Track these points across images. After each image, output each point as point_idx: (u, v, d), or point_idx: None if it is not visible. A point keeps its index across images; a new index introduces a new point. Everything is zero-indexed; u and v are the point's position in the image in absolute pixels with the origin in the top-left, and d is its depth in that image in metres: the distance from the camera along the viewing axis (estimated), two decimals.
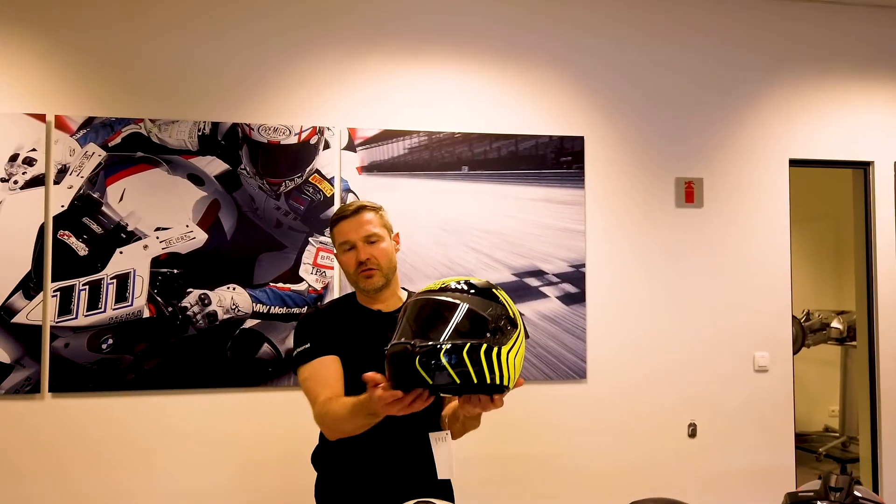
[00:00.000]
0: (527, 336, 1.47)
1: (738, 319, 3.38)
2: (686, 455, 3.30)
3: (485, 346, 1.33)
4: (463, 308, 1.36)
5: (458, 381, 1.32)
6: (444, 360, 1.31)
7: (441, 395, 1.45)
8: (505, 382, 1.37)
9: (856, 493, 1.51)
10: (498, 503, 3.07)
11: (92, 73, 2.90)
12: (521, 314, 1.47)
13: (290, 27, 3.06)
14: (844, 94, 3.57)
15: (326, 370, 1.71)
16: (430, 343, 1.32)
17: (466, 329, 1.34)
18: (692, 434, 3.31)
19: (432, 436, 1.70)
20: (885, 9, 3.62)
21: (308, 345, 1.74)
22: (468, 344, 1.32)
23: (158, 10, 2.97)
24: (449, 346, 1.31)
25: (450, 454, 1.70)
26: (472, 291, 1.40)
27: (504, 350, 1.36)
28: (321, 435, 1.79)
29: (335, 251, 1.86)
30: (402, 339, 1.37)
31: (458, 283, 1.43)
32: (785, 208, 3.46)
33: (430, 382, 1.32)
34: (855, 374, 3.95)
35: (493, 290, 1.43)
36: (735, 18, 3.48)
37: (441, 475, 1.66)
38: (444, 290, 1.41)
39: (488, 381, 1.34)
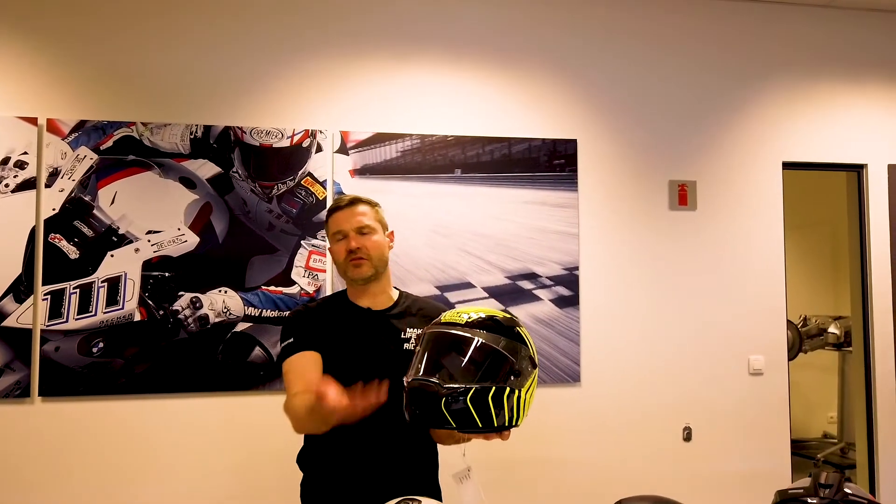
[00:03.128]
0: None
1: (733, 322, 3.37)
2: (681, 459, 3.28)
3: (508, 390, 1.34)
4: (490, 349, 1.36)
5: (480, 425, 1.34)
6: (469, 405, 1.32)
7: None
8: (520, 423, 1.40)
9: (846, 489, 1.50)
10: None
11: (84, 76, 2.91)
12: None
13: (282, 31, 3.07)
14: (837, 96, 3.58)
15: (305, 365, 1.71)
16: (457, 386, 1.32)
17: (492, 370, 1.35)
18: (687, 438, 3.29)
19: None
20: (876, 12, 3.64)
21: (292, 339, 1.74)
22: (493, 388, 1.33)
23: (151, 15, 2.97)
24: (475, 390, 1.31)
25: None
26: (499, 330, 1.39)
27: (524, 392, 1.37)
28: (306, 435, 1.78)
29: (328, 244, 1.87)
30: (423, 375, 1.35)
31: (482, 316, 1.40)
32: (778, 211, 3.46)
33: (455, 425, 1.33)
34: (852, 379, 3.93)
35: (519, 329, 1.42)
36: (728, 22, 3.49)
37: None
38: (472, 325, 1.39)
39: (507, 423, 1.37)
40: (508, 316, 1.45)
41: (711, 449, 3.31)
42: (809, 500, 1.49)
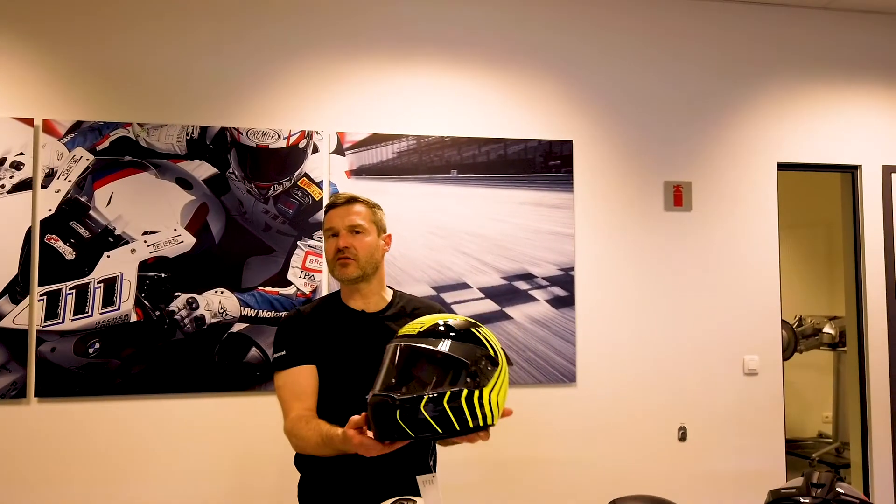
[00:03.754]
0: (510, 363, 1.48)
1: (728, 323, 3.39)
2: (676, 459, 3.29)
3: (465, 392, 1.34)
4: (442, 355, 1.37)
5: (439, 431, 1.34)
6: (424, 413, 1.32)
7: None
8: (488, 422, 1.39)
9: (838, 489, 1.51)
10: None
11: (80, 77, 2.91)
12: (503, 349, 1.47)
13: (279, 32, 3.08)
14: (832, 98, 3.60)
15: (300, 381, 1.71)
16: (409, 396, 1.33)
17: (447, 376, 1.36)
18: (682, 437, 3.31)
19: (420, 479, 1.69)
20: (871, 14, 3.65)
21: (284, 352, 1.74)
22: (448, 393, 1.33)
23: (147, 15, 2.98)
24: (428, 397, 1.33)
25: (437, 496, 1.69)
26: (452, 335, 1.40)
27: (486, 392, 1.37)
28: None
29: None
30: (382, 389, 1.38)
31: (438, 324, 1.43)
32: (773, 212, 3.47)
33: (412, 435, 1.34)
34: (847, 379, 3.95)
35: (473, 329, 1.43)
36: (723, 24, 3.50)
37: None
38: (424, 334, 1.41)
39: (471, 425, 1.37)
40: (464, 319, 1.46)
41: (706, 449, 3.32)
42: (802, 500, 1.50)
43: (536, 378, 3.16)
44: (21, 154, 2.81)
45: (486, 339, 1.43)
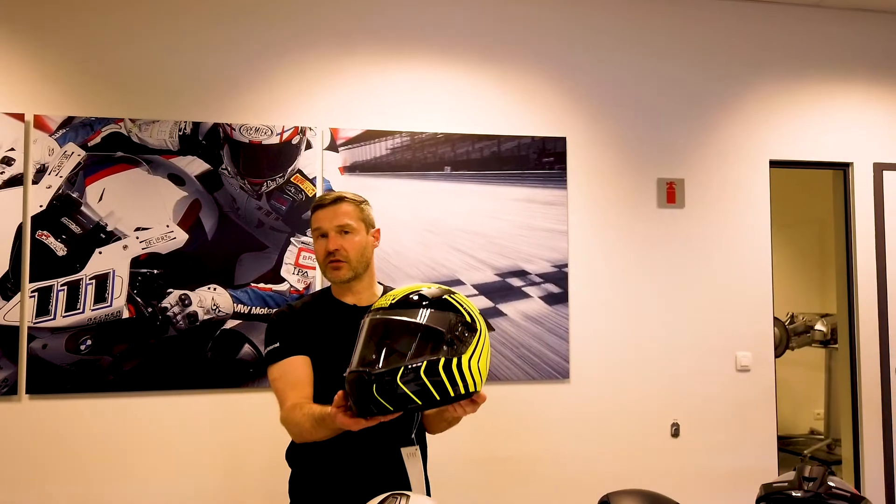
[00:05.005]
0: (491, 329, 1.46)
1: (721, 319, 3.40)
2: (669, 454, 3.30)
3: (443, 360, 1.32)
4: (416, 325, 1.35)
5: (419, 402, 1.32)
6: (402, 386, 1.30)
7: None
8: (470, 389, 1.37)
9: (829, 483, 1.52)
10: None
11: (71, 72, 2.89)
12: (483, 317, 1.45)
13: (272, 27, 3.07)
14: (824, 95, 3.61)
15: (295, 372, 1.70)
16: (385, 369, 1.31)
17: (424, 346, 1.33)
18: (675, 434, 3.32)
19: (404, 451, 1.69)
20: (862, 12, 3.67)
21: (277, 344, 1.73)
22: (424, 363, 1.31)
23: (139, 10, 2.96)
24: (403, 369, 1.30)
25: (420, 468, 1.70)
26: (425, 304, 1.38)
27: (465, 358, 1.35)
28: None
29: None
30: (359, 364, 1.36)
31: (411, 294, 1.41)
32: (766, 209, 3.49)
33: (391, 409, 1.32)
34: (838, 376, 3.97)
35: (447, 297, 1.41)
36: (716, 21, 3.51)
37: (415, 489, 1.65)
38: (397, 306, 1.39)
39: (452, 393, 1.34)
40: (438, 288, 1.44)
41: (699, 444, 3.33)
42: (794, 494, 1.51)
43: (530, 374, 3.16)
44: (12, 149, 2.79)
45: (462, 306, 1.41)
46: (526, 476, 3.17)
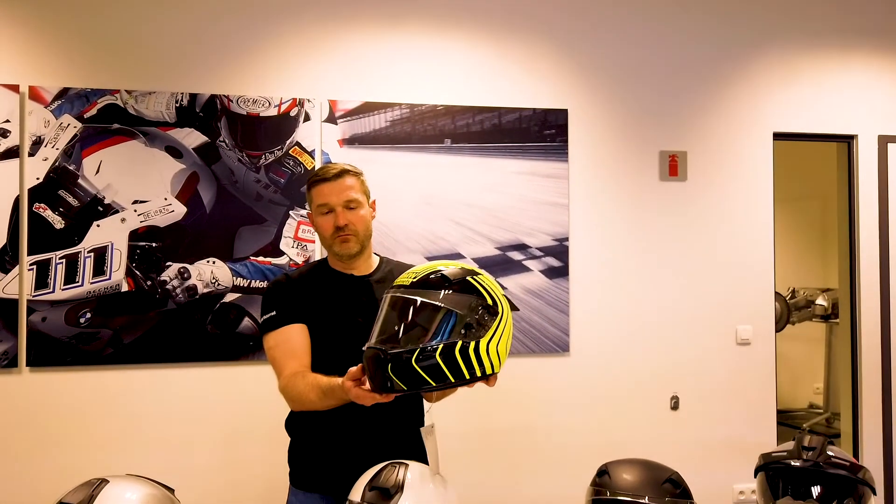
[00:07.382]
0: (514, 309, 1.45)
1: (722, 293, 3.39)
2: (668, 427, 3.31)
3: (460, 343, 1.31)
4: (435, 307, 1.34)
5: (434, 384, 1.31)
6: (416, 367, 1.29)
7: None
8: (487, 372, 1.35)
9: (829, 452, 1.52)
10: (481, 476, 3.07)
11: (67, 43, 2.85)
12: (504, 294, 1.43)
13: None
14: (828, 67, 3.56)
15: (293, 340, 1.70)
16: (401, 349, 1.30)
17: (441, 328, 1.32)
18: (675, 407, 3.33)
19: (423, 430, 1.70)
20: None
21: (274, 312, 1.73)
22: (441, 346, 1.30)
23: None
24: (420, 350, 1.29)
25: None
26: (447, 285, 1.36)
27: (483, 342, 1.33)
28: None
29: (310, 211, 1.84)
30: (378, 341, 1.35)
31: (432, 273, 1.38)
32: (769, 182, 3.46)
33: (405, 389, 1.32)
34: (839, 351, 3.97)
35: (469, 278, 1.39)
36: None
37: (433, 469, 1.66)
38: (418, 285, 1.37)
39: (467, 376, 1.33)
40: (460, 267, 1.42)
41: (698, 417, 3.34)
42: (793, 463, 1.51)
43: (530, 348, 3.16)
44: (7, 121, 2.77)
45: (485, 288, 1.39)
46: (526, 448, 3.18)
